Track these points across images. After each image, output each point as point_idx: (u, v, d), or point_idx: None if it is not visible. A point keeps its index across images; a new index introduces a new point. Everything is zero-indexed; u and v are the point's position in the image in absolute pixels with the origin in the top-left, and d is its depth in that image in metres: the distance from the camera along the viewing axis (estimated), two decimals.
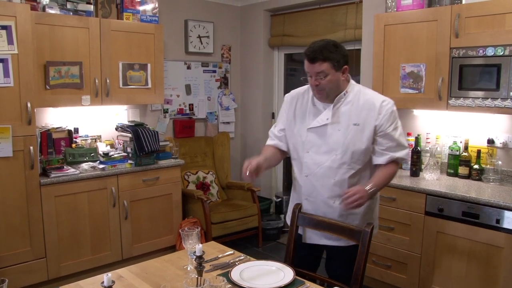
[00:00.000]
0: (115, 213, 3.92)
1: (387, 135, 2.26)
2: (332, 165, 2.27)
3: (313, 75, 2.20)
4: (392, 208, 3.42)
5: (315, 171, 2.31)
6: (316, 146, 2.31)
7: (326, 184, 2.31)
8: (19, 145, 3.37)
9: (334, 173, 2.28)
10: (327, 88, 2.21)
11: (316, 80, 2.19)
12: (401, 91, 3.60)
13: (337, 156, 2.26)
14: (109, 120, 4.41)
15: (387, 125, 2.26)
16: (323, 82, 2.18)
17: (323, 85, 2.19)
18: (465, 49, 3.20)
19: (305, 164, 2.35)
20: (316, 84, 2.20)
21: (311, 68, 2.18)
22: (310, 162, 2.32)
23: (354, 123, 2.25)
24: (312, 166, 2.32)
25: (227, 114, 5.46)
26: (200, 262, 1.83)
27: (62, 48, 3.74)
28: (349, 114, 2.26)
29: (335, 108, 2.27)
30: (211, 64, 5.30)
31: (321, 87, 2.20)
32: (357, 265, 2.10)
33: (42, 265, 3.56)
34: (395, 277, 3.48)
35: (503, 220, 2.86)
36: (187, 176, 4.80)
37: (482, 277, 2.99)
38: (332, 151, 2.27)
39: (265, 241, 4.84)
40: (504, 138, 3.40)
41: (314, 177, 2.33)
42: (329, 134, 2.27)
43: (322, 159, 2.29)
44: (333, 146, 2.27)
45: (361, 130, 2.25)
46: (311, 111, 2.35)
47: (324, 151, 2.29)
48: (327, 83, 2.19)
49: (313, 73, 2.19)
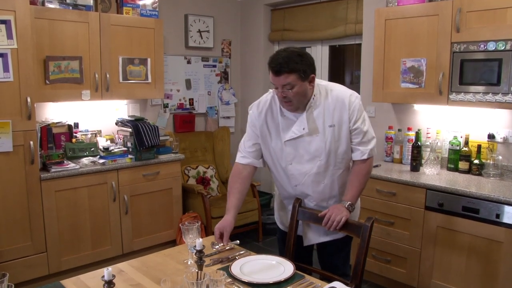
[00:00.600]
0: (116, 207, 3.93)
1: (357, 129, 2.24)
2: (319, 170, 2.26)
3: (279, 87, 2.11)
4: (392, 202, 3.42)
5: (303, 180, 2.30)
6: (298, 157, 2.27)
7: (317, 189, 2.31)
8: (19, 140, 3.37)
9: (323, 177, 2.28)
10: (295, 99, 2.14)
11: (283, 92, 2.11)
12: (401, 86, 3.60)
13: (321, 161, 2.25)
14: (109, 115, 4.41)
15: (356, 119, 2.22)
16: (290, 94, 2.11)
17: (290, 97, 2.12)
18: (466, 43, 3.19)
19: (292, 176, 2.31)
20: (283, 96, 2.13)
21: (277, 80, 2.09)
22: (296, 173, 2.30)
23: (329, 125, 2.22)
24: (299, 177, 2.30)
25: (227, 108, 5.46)
26: (200, 256, 1.83)
27: (62, 42, 3.73)
28: (323, 117, 2.22)
29: (308, 114, 2.22)
30: (211, 59, 5.29)
31: (288, 98, 2.13)
32: (357, 260, 2.10)
33: (43, 259, 3.57)
34: (395, 272, 3.49)
35: (503, 215, 2.86)
36: (187, 171, 4.80)
37: (481, 272, 3.00)
38: (316, 158, 2.25)
39: (265, 236, 4.85)
40: (505, 133, 3.39)
41: (304, 186, 2.32)
42: (308, 142, 2.23)
43: (307, 168, 2.27)
44: (315, 153, 2.24)
45: (338, 130, 2.22)
46: (283, 123, 2.27)
47: (307, 160, 2.26)
48: (295, 95, 2.11)
49: (279, 85, 2.10)
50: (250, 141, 2.38)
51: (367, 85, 4.08)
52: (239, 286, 1.87)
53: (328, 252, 2.46)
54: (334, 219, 2.15)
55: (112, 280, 1.57)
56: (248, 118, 2.40)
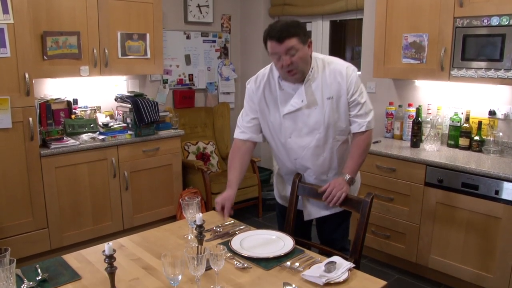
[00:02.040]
0: (116, 183, 3.94)
1: (354, 101, 2.23)
2: (318, 143, 2.26)
3: (282, 54, 2.08)
4: (392, 178, 3.43)
5: (303, 153, 2.30)
6: (297, 130, 2.26)
7: (316, 162, 2.31)
8: (18, 117, 3.36)
9: (322, 150, 2.28)
10: (300, 65, 2.12)
11: (287, 59, 2.09)
12: (403, 61, 3.56)
13: (320, 134, 2.24)
14: (108, 90, 4.38)
15: (354, 91, 2.21)
16: (295, 59, 2.09)
17: (296, 62, 2.10)
18: (469, 18, 3.15)
19: (291, 150, 2.32)
20: (288, 63, 2.09)
21: (280, 47, 2.07)
22: (296, 147, 2.30)
23: (327, 97, 2.20)
24: (298, 150, 2.30)
25: (227, 84, 5.43)
26: (201, 231, 1.84)
27: (59, 17, 3.68)
28: (321, 89, 2.21)
29: (307, 87, 2.21)
30: (211, 34, 5.23)
31: (294, 65, 2.10)
32: (357, 235, 2.12)
33: (44, 235, 3.59)
34: (394, 247, 3.52)
35: (502, 191, 2.87)
36: (187, 147, 4.80)
37: (479, 248, 3.03)
38: (315, 131, 2.24)
39: (265, 212, 4.88)
40: (506, 110, 3.38)
41: (303, 159, 2.32)
42: (307, 115, 2.23)
43: (306, 141, 2.27)
44: (314, 126, 2.24)
45: (336, 102, 2.22)
46: (281, 97, 2.26)
47: (306, 133, 2.26)
48: (299, 59, 2.10)
49: (282, 52, 2.08)
50: (248, 116, 2.37)
51: (368, 60, 4.05)
52: (239, 260, 1.88)
53: (328, 226, 2.48)
54: (335, 195, 2.16)
55: (113, 255, 1.58)
56: (246, 93, 2.39)
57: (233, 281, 1.74)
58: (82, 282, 1.75)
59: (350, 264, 1.81)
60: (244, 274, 1.80)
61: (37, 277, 1.75)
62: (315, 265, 1.82)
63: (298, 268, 1.82)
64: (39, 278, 1.74)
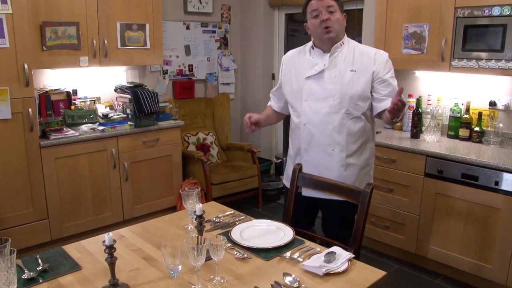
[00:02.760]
0: (116, 174, 3.94)
1: (385, 81, 2.29)
2: (330, 110, 2.30)
3: (323, 10, 2.25)
4: (391, 169, 3.43)
5: (313, 118, 2.35)
6: (314, 94, 2.34)
7: (325, 130, 2.34)
8: (17, 107, 3.35)
9: (332, 119, 2.31)
10: (335, 25, 2.27)
11: (326, 15, 2.25)
12: (403, 51, 3.55)
13: (334, 101, 2.29)
14: (108, 81, 4.37)
15: (384, 72, 2.29)
16: (332, 18, 2.26)
17: (333, 20, 2.26)
18: (470, 8, 3.13)
19: (303, 113, 2.38)
20: (327, 18, 2.25)
21: (321, 3, 2.26)
22: (308, 110, 2.36)
23: (350, 70, 2.30)
24: (310, 114, 2.36)
25: (227, 75, 5.41)
26: (201, 221, 1.84)
27: (58, 8, 3.66)
28: (346, 62, 2.31)
29: (332, 57, 2.33)
30: (211, 24, 5.20)
31: (331, 22, 2.26)
32: (356, 226, 2.12)
33: (45, 226, 3.60)
34: (393, 238, 3.53)
35: (501, 182, 2.87)
36: (187, 138, 4.79)
37: (478, 238, 3.04)
38: (330, 97, 2.30)
39: (265, 202, 4.89)
40: (506, 101, 3.37)
41: (312, 125, 2.36)
42: (327, 80, 2.32)
43: (320, 106, 2.33)
44: (330, 92, 2.30)
45: (358, 76, 2.29)
46: (309, 63, 2.40)
47: (321, 98, 2.32)
48: (336, 20, 2.27)
49: (323, 8, 2.25)
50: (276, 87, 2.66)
51: None
52: (239, 251, 1.89)
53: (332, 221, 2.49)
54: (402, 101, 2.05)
55: (113, 245, 1.58)
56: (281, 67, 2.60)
57: (233, 271, 1.74)
58: (83, 273, 1.75)
59: (350, 255, 1.81)
60: (244, 264, 1.80)
61: (38, 268, 1.76)
62: (315, 256, 1.82)
63: (298, 258, 1.83)
64: (40, 269, 1.75)
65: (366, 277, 1.70)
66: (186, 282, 1.66)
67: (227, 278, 1.69)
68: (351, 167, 2.37)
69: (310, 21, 2.33)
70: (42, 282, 1.68)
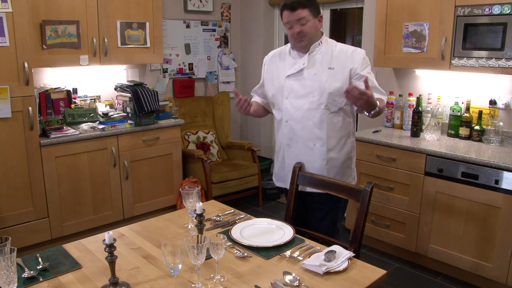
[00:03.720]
0: (116, 173, 3.94)
1: (362, 76, 2.29)
2: (310, 106, 2.38)
3: (294, 23, 2.32)
4: (392, 168, 3.43)
5: (294, 114, 2.42)
6: (295, 91, 2.42)
7: (306, 126, 2.40)
8: (17, 106, 3.35)
9: (313, 115, 2.38)
10: (309, 34, 2.33)
11: (297, 28, 2.31)
12: (403, 50, 3.55)
13: (314, 97, 2.36)
14: (108, 80, 4.37)
15: (361, 68, 2.35)
16: (305, 28, 2.31)
17: (305, 30, 2.32)
18: (470, 7, 3.13)
19: (285, 110, 2.46)
20: (298, 31, 2.31)
21: (292, 16, 2.31)
22: (289, 107, 2.44)
23: (328, 67, 2.36)
24: (291, 111, 2.43)
25: (227, 73, 5.41)
26: (201, 220, 1.84)
27: (58, 6, 3.66)
28: (324, 60, 2.38)
29: (311, 56, 2.40)
30: (211, 23, 5.20)
31: (304, 33, 2.32)
32: (356, 224, 2.12)
33: (45, 224, 3.60)
34: (393, 236, 3.53)
35: (501, 181, 2.87)
36: (187, 136, 4.79)
37: (478, 237, 3.04)
38: (309, 94, 2.37)
39: (265, 201, 4.89)
40: (507, 99, 3.37)
41: (294, 121, 2.43)
42: (306, 78, 2.39)
43: (300, 102, 2.40)
44: (309, 89, 2.37)
45: (336, 73, 2.35)
46: (289, 62, 2.47)
47: (301, 95, 2.40)
48: (309, 28, 2.32)
49: (294, 21, 2.32)
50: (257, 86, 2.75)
51: (369, 49, 4.01)
52: (239, 249, 1.89)
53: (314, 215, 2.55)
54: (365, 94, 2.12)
55: (113, 244, 1.58)
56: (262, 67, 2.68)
57: (233, 270, 1.74)
58: (83, 271, 1.75)
59: (350, 253, 1.81)
60: (244, 263, 1.80)
61: (38, 266, 1.76)
62: (315, 254, 1.83)
63: (298, 257, 1.83)
64: (40, 267, 1.75)
65: (366, 276, 1.70)
66: (186, 280, 1.66)
67: (227, 277, 1.69)
68: (332, 161, 2.44)
69: (286, 29, 2.43)
70: (42, 281, 1.68)
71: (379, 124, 4.02)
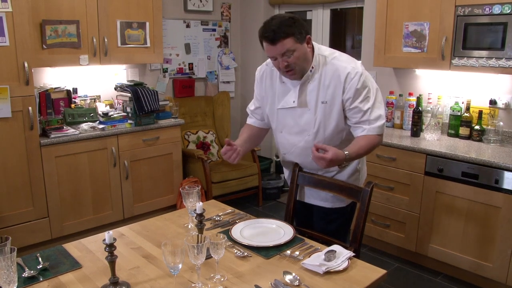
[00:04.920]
0: (116, 173, 3.94)
1: (355, 108, 2.09)
2: (306, 145, 2.20)
3: (278, 57, 2.01)
4: (392, 168, 3.43)
5: (291, 150, 2.30)
6: (288, 127, 2.24)
7: (305, 160, 2.29)
8: (17, 106, 3.35)
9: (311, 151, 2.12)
10: (297, 65, 2.04)
11: (283, 61, 2.01)
12: (403, 50, 3.55)
13: (309, 136, 2.19)
14: (108, 80, 4.37)
15: (355, 98, 2.08)
16: (291, 61, 2.01)
17: (292, 63, 2.02)
18: (470, 7, 3.13)
19: (281, 144, 2.34)
20: (285, 65, 2.02)
21: (275, 50, 1.99)
22: (285, 142, 2.30)
23: (322, 101, 2.12)
24: (287, 146, 2.30)
25: (227, 73, 5.41)
26: (201, 219, 1.84)
27: (58, 6, 3.66)
28: (316, 93, 2.12)
29: (302, 88, 2.15)
30: (211, 23, 5.20)
31: (291, 66, 2.03)
32: (357, 224, 2.12)
33: (45, 224, 3.60)
34: (393, 236, 3.53)
35: (502, 181, 2.87)
36: (187, 136, 4.79)
37: (478, 236, 3.03)
38: (304, 132, 2.20)
39: (265, 201, 4.89)
40: (507, 99, 3.36)
41: (292, 155, 2.33)
42: (299, 114, 2.18)
43: (295, 140, 2.24)
44: (304, 127, 2.19)
45: (330, 107, 2.12)
46: (280, 90, 2.23)
47: (296, 132, 2.23)
48: (296, 60, 2.01)
49: (278, 55, 2.00)
50: (254, 104, 2.43)
51: (369, 49, 4.03)
52: (239, 249, 1.89)
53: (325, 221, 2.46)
54: (322, 158, 1.94)
55: (113, 244, 1.58)
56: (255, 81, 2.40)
57: (233, 270, 1.74)
58: (83, 271, 1.75)
59: (350, 253, 1.81)
60: (244, 262, 1.80)
61: (38, 266, 1.76)
62: (315, 254, 1.82)
63: (298, 256, 1.83)
64: (40, 267, 1.75)
65: (366, 276, 1.70)
66: (186, 280, 1.66)
67: (227, 277, 1.69)
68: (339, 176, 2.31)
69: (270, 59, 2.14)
70: (42, 281, 1.68)
71: None
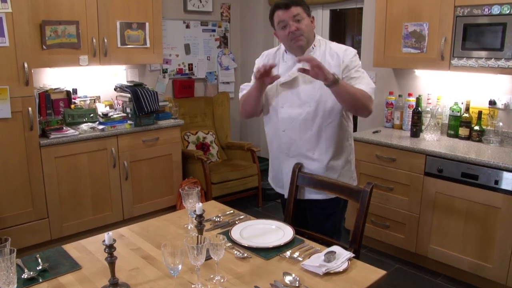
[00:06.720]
0: (116, 173, 3.94)
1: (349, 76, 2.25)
2: (307, 117, 2.30)
3: (290, 21, 2.23)
4: (391, 168, 3.43)
5: (292, 125, 2.34)
6: (290, 101, 2.34)
7: (304, 136, 2.34)
8: (17, 106, 3.35)
9: (310, 125, 2.31)
10: (305, 32, 2.25)
11: (293, 26, 2.22)
12: (403, 50, 3.55)
13: (310, 107, 2.29)
14: (108, 80, 4.37)
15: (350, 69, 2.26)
16: (301, 26, 2.23)
17: (302, 28, 2.24)
18: (470, 7, 3.13)
19: (281, 120, 2.37)
20: (295, 29, 2.22)
21: (287, 14, 2.23)
22: (286, 117, 2.35)
23: None
24: (287, 121, 2.35)
25: (226, 74, 5.41)
26: (201, 220, 1.84)
27: (58, 6, 3.66)
28: None
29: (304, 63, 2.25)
30: (211, 23, 5.20)
31: (300, 31, 2.24)
32: (356, 225, 2.12)
33: (44, 225, 3.60)
34: (393, 237, 3.53)
35: (501, 181, 2.87)
36: (187, 137, 4.79)
37: (478, 237, 3.03)
38: (305, 104, 2.30)
39: (265, 201, 4.88)
40: (506, 100, 3.37)
41: (292, 131, 2.36)
42: (301, 88, 2.31)
43: (297, 113, 2.32)
44: (305, 99, 2.30)
45: None
46: (282, 67, 2.38)
47: (297, 105, 2.32)
48: (305, 27, 2.25)
49: (290, 19, 2.22)
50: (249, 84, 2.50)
51: (368, 50, 4.03)
52: (239, 250, 1.89)
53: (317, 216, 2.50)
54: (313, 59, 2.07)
55: (113, 245, 1.58)
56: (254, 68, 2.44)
57: (233, 271, 1.74)
58: (82, 272, 1.75)
59: (350, 254, 1.81)
60: (244, 263, 1.80)
61: (38, 267, 1.76)
62: (315, 255, 1.82)
63: (298, 257, 1.83)
64: (40, 268, 1.75)
65: (366, 277, 1.70)
66: (186, 281, 1.66)
67: (227, 278, 1.69)
68: (332, 167, 2.38)
69: (278, 31, 2.32)
70: (42, 282, 1.68)
71: (379, 125, 4.02)
